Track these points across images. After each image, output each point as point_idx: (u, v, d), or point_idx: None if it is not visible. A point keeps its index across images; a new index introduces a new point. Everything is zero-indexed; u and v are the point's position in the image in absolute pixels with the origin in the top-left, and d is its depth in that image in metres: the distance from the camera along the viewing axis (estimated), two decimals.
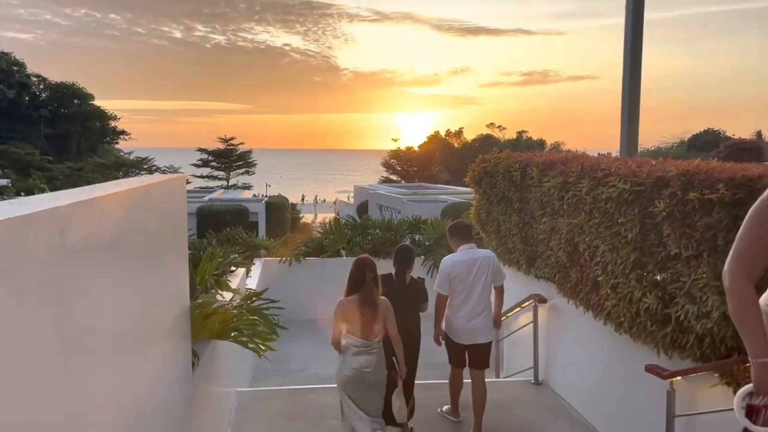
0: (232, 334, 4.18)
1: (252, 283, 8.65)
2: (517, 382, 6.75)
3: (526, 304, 6.68)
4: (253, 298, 7.51)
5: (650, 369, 4.26)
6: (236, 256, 6.48)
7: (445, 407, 5.83)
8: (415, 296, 5.32)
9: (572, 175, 5.06)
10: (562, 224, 5.34)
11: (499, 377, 7.76)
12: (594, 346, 5.41)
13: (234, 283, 6.27)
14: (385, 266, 8.32)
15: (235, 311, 4.18)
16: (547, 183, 5.56)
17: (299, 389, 6.71)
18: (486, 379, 5.49)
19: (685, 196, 3.67)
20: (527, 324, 6.77)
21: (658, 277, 4.08)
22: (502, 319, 7.59)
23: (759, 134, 57.43)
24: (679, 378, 4.06)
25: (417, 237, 12.17)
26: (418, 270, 11.12)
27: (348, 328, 4.53)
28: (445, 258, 5.50)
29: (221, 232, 12.46)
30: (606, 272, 4.64)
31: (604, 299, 4.75)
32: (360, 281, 4.53)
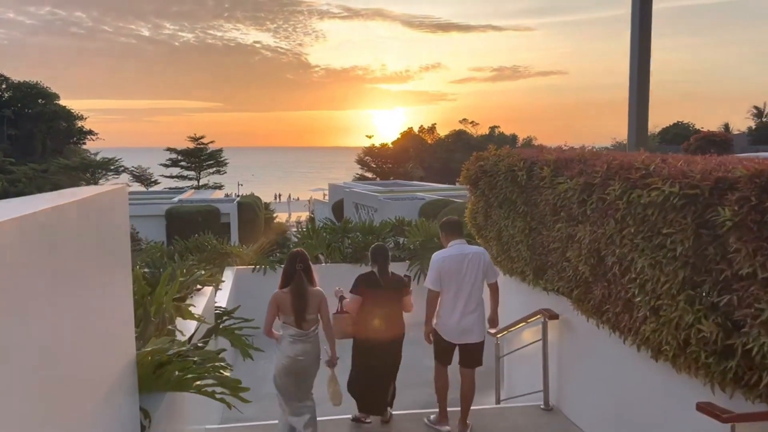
0: (195, 384, 3.33)
1: (223, 296, 7.77)
2: (524, 408, 6.00)
3: (533, 319, 5.94)
4: (224, 318, 6.67)
5: (704, 408, 3.53)
6: (202, 273, 5.60)
7: (432, 416, 5.53)
8: (399, 286, 5.47)
9: (597, 176, 4.31)
10: (583, 232, 4.58)
11: (500, 401, 7.01)
12: (620, 372, 4.67)
13: (200, 304, 5.40)
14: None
15: (196, 359, 3.31)
16: (563, 184, 4.80)
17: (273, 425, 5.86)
18: (487, 405, 4.98)
19: (762, 203, 2.93)
20: (534, 342, 6.03)
21: (718, 301, 3.34)
22: (503, 334, 6.87)
23: (727, 127, 58.10)
24: (743, 423, 3.34)
25: (401, 240, 11.38)
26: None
27: (284, 318, 4.82)
28: (435, 254, 5.42)
29: (190, 238, 11.55)
30: (644, 291, 3.89)
31: (641, 322, 4.01)
32: (290, 273, 4.81)
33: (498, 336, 6.96)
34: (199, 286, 5.71)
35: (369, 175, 67.34)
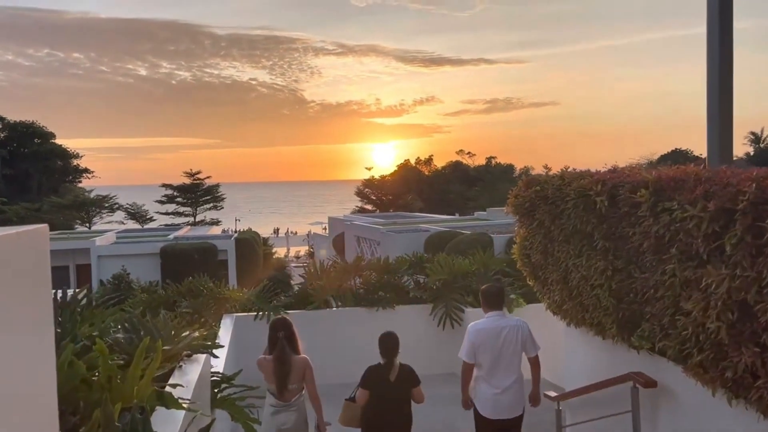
0: None
1: (221, 352, 6.46)
2: None
3: (617, 385, 4.66)
4: (221, 387, 5.36)
5: None
6: (195, 335, 4.32)
7: None
8: (405, 387, 5.03)
9: (742, 199, 3.09)
10: (713, 276, 3.34)
11: None
12: None
13: (192, 376, 4.09)
14: (383, 318, 6.80)
15: None
16: (677, 212, 3.58)
17: None
18: None
19: None
20: (616, 414, 4.73)
21: None
22: (567, 399, 5.59)
23: None
24: None
25: (421, 279, 10.10)
26: (426, 321, 9.06)
27: (267, 386, 4.78)
28: (470, 324, 5.24)
29: (183, 281, 10.27)
30: None
31: None
32: (273, 341, 4.77)
33: (560, 401, 5.67)
34: (188, 352, 4.43)
35: (369, 207, 66.31)
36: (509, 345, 4.96)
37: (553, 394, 5.76)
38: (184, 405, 3.22)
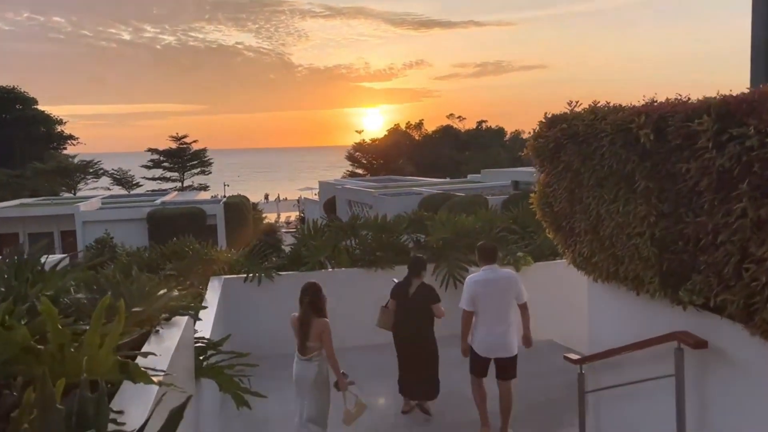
0: None
1: (207, 316, 5.85)
2: None
3: (657, 346, 4.10)
4: (207, 354, 4.77)
5: None
6: (174, 294, 3.66)
7: None
8: (423, 302, 6.17)
9: None
10: None
11: None
12: None
13: (169, 344, 3.46)
14: (382, 278, 7.01)
15: None
16: (754, 139, 2.96)
17: None
18: None
19: None
20: (653, 378, 4.18)
21: None
22: (590, 363, 5.05)
23: None
24: None
25: (421, 238, 9.50)
26: (428, 282, 8.45)
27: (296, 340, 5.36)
28: (468, 277, 5.92)
29: (167, 243, 9.63)
30: None
31: None
32: (300, 302, 5.29)
33: (583, 365, 5.13)
34: (166, 315, 3.80)
35: (360, 171, 65.44)
36: (503, 294, 5.64)
37: (574, 356, 5.23)
38: (155, 378, 2.57)
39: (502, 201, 24.54)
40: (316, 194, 50.22)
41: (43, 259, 3.62)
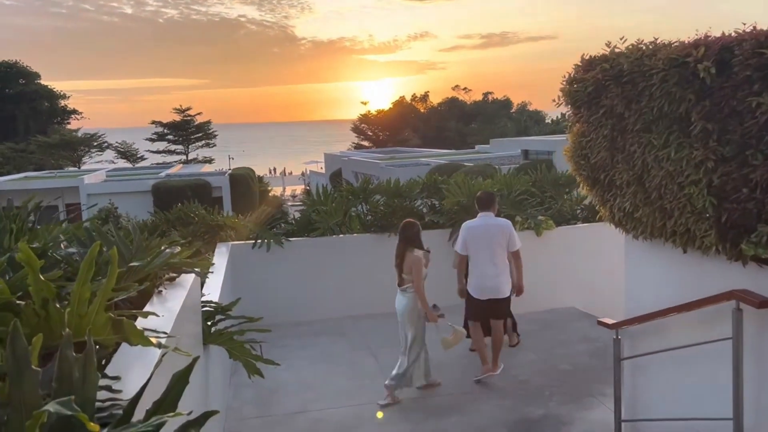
0: None
1: (215, 283, 5.51)
2: None
3: (711, 306, 3.72)
4: (216, 320, 4.41)
5: None
6: (174, 250, 3.28)
7: (481, 376, 5.96)
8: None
9: None
10: None
11: (620, 420, 4.80)
12: None
13: (172, 305, 3.09)
14: (394, 245, 6.16)
15: None
16: None
17: None
18: None
19: None
20: (704, 342, 3.81)
21: None
22: (625, 327, 4.68)
23: None
24: None
25: (435, 203, 9.11)
26: (446, 247, 8.07)
27: None
28: (464, 223, 6.17)
29: (172, 209, 9.27)
30: None
31: None
32: (399, 239, 5.79)
33: (619, 329, 4.76)
34: (172, 274, 3.44)
35: (366, 144, 64.82)
36: (494, 239, 5.91)
37: (610, 321, 4.85)
38: (155, 340, 2.18)
39: (511, 170, 24.03)
40: (321, 167, 49.74)
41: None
